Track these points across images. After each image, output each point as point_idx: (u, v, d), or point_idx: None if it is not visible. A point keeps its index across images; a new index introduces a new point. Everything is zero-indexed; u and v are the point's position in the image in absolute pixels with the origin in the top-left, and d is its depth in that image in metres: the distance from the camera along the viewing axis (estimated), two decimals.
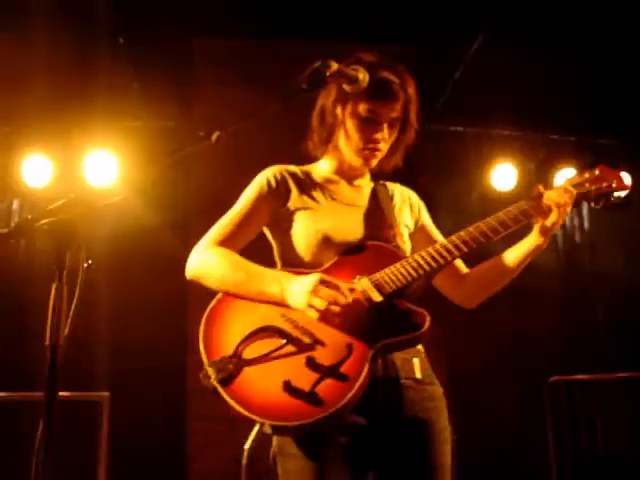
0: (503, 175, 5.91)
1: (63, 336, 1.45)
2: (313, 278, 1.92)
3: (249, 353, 1.89)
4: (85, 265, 1.51)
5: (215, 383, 1.84)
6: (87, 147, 5.40)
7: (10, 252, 5.24)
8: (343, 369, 1.85)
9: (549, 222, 2.13)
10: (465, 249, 2.07)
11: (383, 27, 5.30)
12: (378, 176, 2.41)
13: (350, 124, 2.18)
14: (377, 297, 1.97)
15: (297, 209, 2.18)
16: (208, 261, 2.13)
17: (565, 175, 5.99)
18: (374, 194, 2.32)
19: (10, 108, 5.29)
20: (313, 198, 2.22)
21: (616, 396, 5.53)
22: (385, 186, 2.39)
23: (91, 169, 5.36)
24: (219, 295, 2.09)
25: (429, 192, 5.81)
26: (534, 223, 2.17)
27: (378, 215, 2.24)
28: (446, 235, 2.19)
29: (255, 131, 1.80)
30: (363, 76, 1.97)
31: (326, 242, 2.11)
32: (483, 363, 5.53)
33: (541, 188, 2.17)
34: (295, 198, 2.20)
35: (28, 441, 4.80)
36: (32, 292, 5.06)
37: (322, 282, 1.91)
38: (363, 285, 2.00)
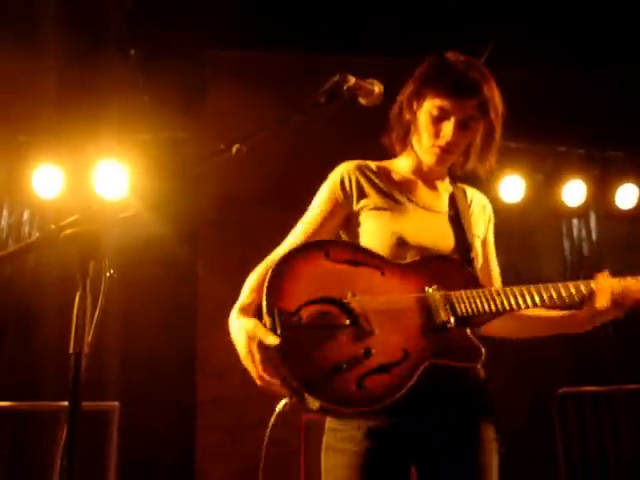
0: (511, 187, 5.92)
1: (87, 343, 1.47)
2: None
3: (313, 317, 1.85)
4: (107, 275, 1.53)
5: (270, 329, 1.81)
6: (98, 158, 5.43)
7: (21, 263, 5.26)
8: (395, 371, 1.84)
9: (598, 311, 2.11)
10: (551, 304, 2.08)
11: (391, 40, 5.34)
12: (456, 178, 2.38)
13: (422, 120, 2.17)
14: (444, 316, 1.95)
15: (372, 208, 2.15)
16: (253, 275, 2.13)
17: (574, 188, 6.01)
18: (453, 200, 2.28)
19: (22, 118, 5.33)
20: (389, 197, 2.18)
21: (625, 408, 5.51)
22: (464, 191, 2.36)
23: (102, 180, 5.39)
24: (298, 245, 2.05)
25: None
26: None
27: (457, 225, 2.21)
28: None
29: (267, 144, 1.82)
30: (379, 89, 1.99)
31: (401, 245, 2.07)
32: (491, 375, 5.52)
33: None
34: (370, 197, 2.17)
35: (38, 450, 4.85)
36: (42, 303, 5.10)
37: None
38: (434, 298, 1.98)
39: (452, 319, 1.95)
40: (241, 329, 1.93)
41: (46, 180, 5.38)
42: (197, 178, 1.75)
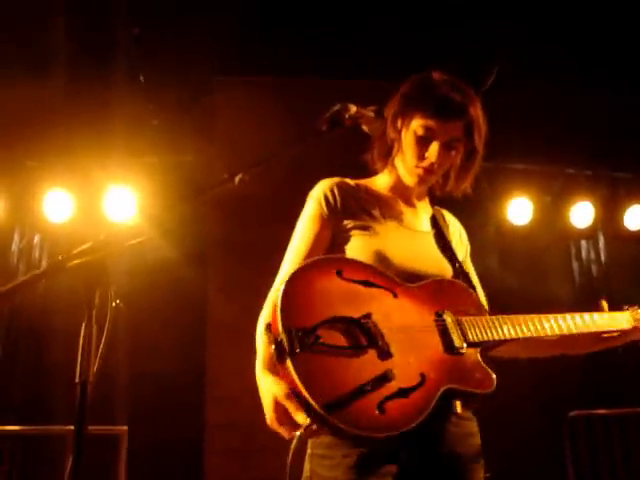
0: (519, 209, 5.93)
1: (92, 373, 1.48)
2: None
3: (329, 337, 1.75)
4: (114, 304, 1.54)
5: (287, 355, 1.68)
6: (107, 182, 5.48)
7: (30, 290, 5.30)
8: (414, 396, 1.78)
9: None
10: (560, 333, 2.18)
11: (398, 64, 5.39)
12: (434, 201, 2.37)
13: (406, 140, 2.14)
14: (458, 341, 1.94)
15: (354, 226, 2.12)
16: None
17: (582, 209, 6.00)
18: (434, 220, 2.28)
19: (31, 143, 5.39)
20: (371, 215, 2.16)
21: (636, 431, 5.46)
22: (442, 214, 2.36)
23: (111, 204, 5.44)
24: (309, 260, 1.97)
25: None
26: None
27: (442, 245, 2.21)
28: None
29: (270, 172, 1.83)
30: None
31: (383, 263, 2.04)
32: (502, 398, 5.48)
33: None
34: (352, 214, 2.15)
35: (46, 473, 4.84)
36: (51, 327, 5.13)
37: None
38: (448, 322, 1.97)
39: (465, 344, 1.94)
40: (268, 393, 1.86)
41: (56, 204, 5.43)
42: (205, 201, 1.77)
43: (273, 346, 1.71)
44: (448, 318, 1.97)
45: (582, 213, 6.03)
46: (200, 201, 1.71)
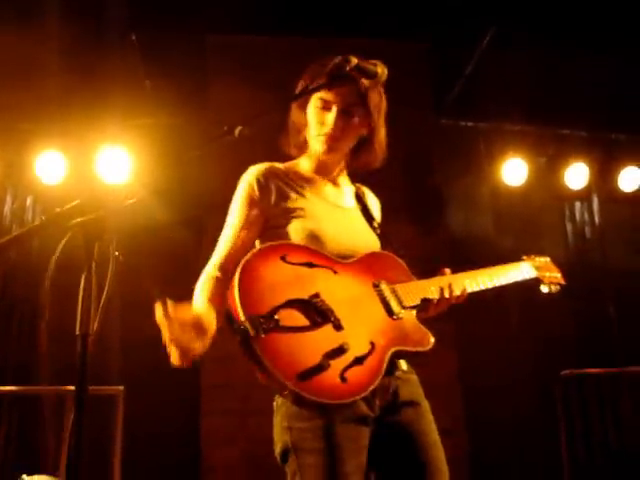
0: (514, 170, 5.92)
1: (93, 326, 1.48)
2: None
3: (286, 319, 1.91)
4: (115, 255, 1.54)
5: (252, 340, 1.84)
6: (100, 144, 5.44)
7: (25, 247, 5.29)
8: (367, 362, 1.96)
9: None
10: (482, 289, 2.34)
11: (394, 23, 5.33)
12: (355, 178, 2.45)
13: (309, 114, 2.25)
14: (396, 308, 2.12)
15: (287, 209, 2.21)
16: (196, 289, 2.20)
17: (577, 171, 6.00)
18: (358, 196, 2.40)
19: (24, 105, 5.33)
20: (301, 196, 2.25)
21: (627, 390, 5.54)
22: (362, 190, 2.47)
23: (104, 166, 5.40)
24: (255, 250, 2.07)
25: (440, 186, 5.88)
26: None
27: (369, 220, 2.34)
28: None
29: (269, 127, 1.82)
30: (382, 70, 2.00)
31: (315, 241, 2.15)
32: (494, 359, 5.54)
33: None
34: (284, 197, 2.23)
35: (44, 433, 4.86)
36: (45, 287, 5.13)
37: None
38: (386, 291, 2.14)
39: (402, 310, 2.13)
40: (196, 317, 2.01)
41: (49, 166, 5.39)
42: (201, 162, 1.75)
43: (238, 335, 1.86)
44: (384, 287, 2.15)
45: (577, 174, 6.02)
46: (199, 156, 1.69)
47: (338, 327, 1.97)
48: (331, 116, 2.19)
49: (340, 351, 1.93)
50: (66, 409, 4.32)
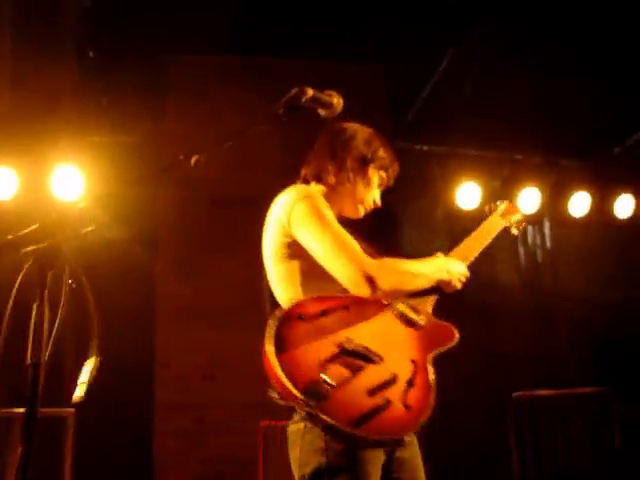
0: (468, 194, 6.01)
1: (45, 354, 1.46)
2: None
3: (334, 376, 1.92)
4: (68, 286, 1.53)
5: (315, 410, 1.85)
6: (54, 161, 5.35)
7: None
8: (417, 381, 2.04)
9: None
10: None
11: (353, 45, 5.38)
12: None
13: (364, 181, 2.43)
14: (416, 317, 2.23)
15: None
16: (393, 273, 2.19)
17: (530, 195, 6.12)
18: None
19: None
20: None
21: (577, 411, 5.63)
22: None
23: (58, 183, 5.32)
24: (274, 323, 2.02)
25: (395, 208, 5.93)
26: None
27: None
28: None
29: (226, 152, 1.83)
30: (337, 101, 2.02)
31: (325, 280, 2.18)
32: (448, 379, 5.58)
33: None
34: None
35: None
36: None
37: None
38: (403, 307, 2.24)
39: (421, 316, 2.24)
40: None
41: (2, 182, 5.28)
42: (156, 181, 1.75)
43: (300, 411, 1.94)
44: (400, 304, 2.23)
45: (529, 199, 6.14)
46: (156, 182, 1.69)
47: (380, 360, 2.03)
48: (378, 197, 2.47)
49: (392, 382, 1.99)
50: (12, 432, 4.22)
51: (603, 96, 5.60)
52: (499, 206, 2.90)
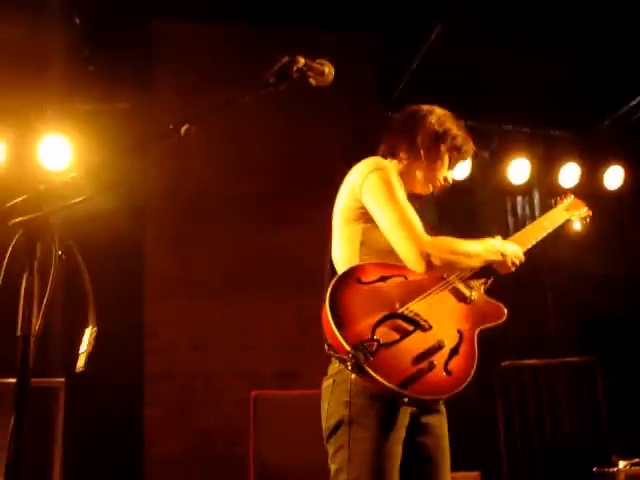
0: (458, 165, 5.99)
1: (36, 326, 1.46)
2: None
3: (384, 336, 2.05)
4: (58, 257, 1.52)
5: (365, 365, 1.96)
6: (41, 129, 5.30)
7: None
8: (462, 350, 2.15)
9: None
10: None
11: (341, 14, 5.33)
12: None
13: (442, 160, 2.52)
14: (468, 292, 2.35)
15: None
16: (448, 251, 2.28)
17: (519, 166, 6.12)
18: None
19: None
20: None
21: (562, 380, 5.71)
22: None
23: (46, 152, 5.27)
24: (333, 282, 2.15)
25: None
26: None
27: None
28: None
29: (216, 122, 1.81)
30: (329, 70, 2.00)
31: (390, 253, 2.29)
32: None
33: None
34: None
35: None
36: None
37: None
38: (455, 281, 2.35)
39: (473, 292, 2.35)
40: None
41: None
42: (146, 151, 1.73)
43: (349, 363, 1.99)
44: (454, 278, 2.35)
45: (519, 170, 6.15)
46: (146, 152, 1.67)
47: (429, 328, 2.15)
48: (451, 175, 2.57)
49: (438, 348, 2.10)
50: (3, 403, 4.23)
51: (593, 67, 5.59)
52: (565, 199, 2.96)
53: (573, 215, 2.95)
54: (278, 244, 5.47)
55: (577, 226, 2.99)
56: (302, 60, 1.90)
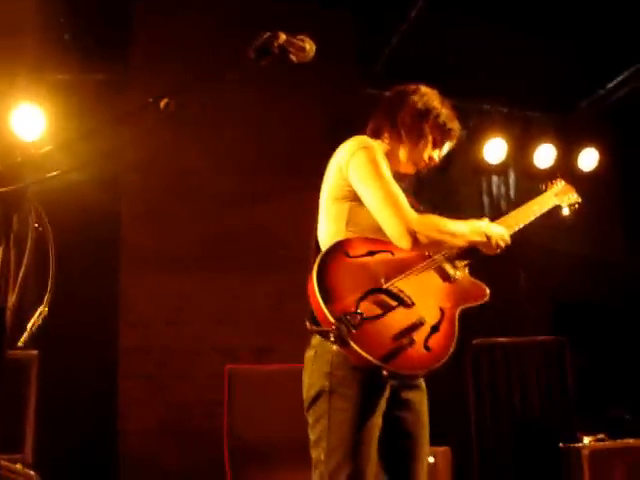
0: None
1: (12, 298, 1.45)
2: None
3: (368, 310, 2.08)
4: (34, 230, 1.51)
5: (347, 337, 2.00)
6: (15, 99, 5.20)
7: None
8: (442, 327, 2.20)
9: None
10: None
11: None
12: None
13: (428, 138, 2.51)
14: (452, 271, 2.39)
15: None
16: (433, 230, 2.31)
17: (495, 145, 6.15)
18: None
19: None
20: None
21: (533, 358, 5.78)
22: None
23: (19, 122, 5.18)
24: (321, 255, 2.18)
25: None
26: None
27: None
28: None
29: (195, 97, 1.80)
30: (310, 46, 1.99)
31: (377, 230, 2.31)
32: None
33: None
34: None
35: None
36: None
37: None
38: (441, 260, 2.39)
39: (458, 272, 2.40)
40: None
41: None
42: (122, 124, 1.72)
43: (332, 335, 2.02)
44: (439, 256, 2.39)
45: (495, 149, 6.18)
46: (122, 125, 1.66)
47: (411, 304, 2.18)
48: (437, 154, 2.54)
49: (419, 325, 2.14)
50: None
51: (570, 49, 5.61)
52: (555, 184, 3.01)
53: (563, 201, 2.98)
54: (255, 220, 5.46)
55: (566, 212, 3.01)
56: (283, 36, 1.89)
